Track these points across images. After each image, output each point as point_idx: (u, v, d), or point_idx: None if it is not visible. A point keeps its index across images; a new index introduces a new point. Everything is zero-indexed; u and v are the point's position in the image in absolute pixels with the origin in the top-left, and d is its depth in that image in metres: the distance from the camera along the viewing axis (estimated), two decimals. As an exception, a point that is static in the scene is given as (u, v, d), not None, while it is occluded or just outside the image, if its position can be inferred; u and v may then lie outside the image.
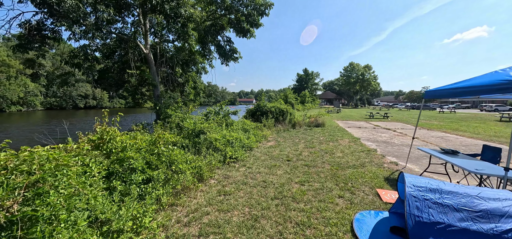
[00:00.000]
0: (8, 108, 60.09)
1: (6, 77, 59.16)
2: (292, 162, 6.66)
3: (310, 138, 10.80)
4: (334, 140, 10.55)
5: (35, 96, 68.37)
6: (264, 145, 8.89)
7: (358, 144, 9.60)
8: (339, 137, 11.47)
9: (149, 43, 9.83)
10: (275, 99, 28.22)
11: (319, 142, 9.85)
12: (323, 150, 8.25)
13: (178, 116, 7.33)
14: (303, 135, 11.75)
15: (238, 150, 6.68)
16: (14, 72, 61.31)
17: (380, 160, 7.03)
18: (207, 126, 6.98)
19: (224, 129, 7.92)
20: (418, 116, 6.81)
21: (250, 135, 8.67)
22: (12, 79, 61.00)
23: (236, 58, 12.95)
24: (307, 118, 16.38)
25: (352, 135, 12.33)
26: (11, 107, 60.78)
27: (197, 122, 7.28)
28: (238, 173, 5.56)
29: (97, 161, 3.25)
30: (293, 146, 8.86)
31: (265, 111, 15.77)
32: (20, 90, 61.85)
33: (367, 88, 71.82)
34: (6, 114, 56.82)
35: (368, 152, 8.16)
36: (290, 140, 10.40)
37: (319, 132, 13.09)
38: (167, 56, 10.72)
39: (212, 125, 7.23)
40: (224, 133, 6.76)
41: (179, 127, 6.90)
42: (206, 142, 6.22)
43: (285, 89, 46.99)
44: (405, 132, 14.10)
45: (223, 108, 9.96)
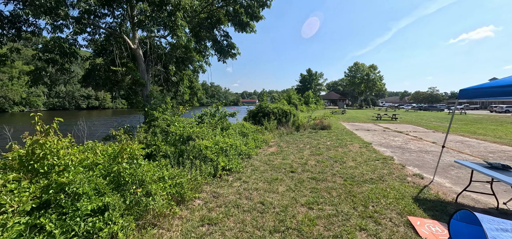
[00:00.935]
0: (11, 109, 60.13)
1: (8, 78, 59.15)
2: (297, 173, 5.63)
3: (316, 143, 9.75)
4: (343, 145, 9.48)
5: (38, 97, 68.42)
6: (264, 152, 7.87)
7: (370, 150, 8.52)
8: (348, 141, 10.39)
9: (137, 37, 8.90)
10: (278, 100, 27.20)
11: (326, 148, 8.79)
12: (332, 158, 7.19)
13: (165, 119, 6.37)
14: (308, 139, 10.70)
15: (233, 158, 5.67)
16: (17, 73, 61.34)
17: (401, 172, 5.96)
18: (198, 130, 5.99)
19: (218, 133, 6.93)
20: (450, 120, 5.70)
21: (249, 140, 7.66)
22: (15, 80, 61.03)
23: (234, 54, 11.88)
24: (312, 120, 15.31)
25: (362, 139, 11.24)
26: (14, 107, 60.82)
27: (187, 126, 6.30)
28: (230, 189, 4.55)
29: (19, 189, 2.27)
30: (297, 153, 7.82)
31: (267, 112, 14.76)
32: (22, 91, 61.85)
33: (373, 89, 70.26)
34: (9, 114, 56.84)
35: (384, 160, 7.08)
36: (294, 145, 9.36)
37: (325, 135, 12.02)
38: (159, 52, 9.77)
39: (204, 129, 6.24)
40: (217, 139, 5.77)
41: (165, 132, 5.94)
42: (195, 150, 5.23)
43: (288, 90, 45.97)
44: (419, 135, 12.94)
45: (220, 109, 8.96)
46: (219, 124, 8.17)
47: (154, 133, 5.79)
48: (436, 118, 27.58)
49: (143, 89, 8.90)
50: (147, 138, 5.44)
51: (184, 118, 7.26)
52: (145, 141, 5.43)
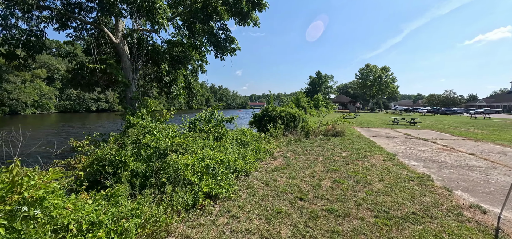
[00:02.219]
0: (23, 111, 61.38)
1: (21, 81, 60.51)
2: (308, 202, 4.18)
3: (329, 154, 8.24)
4: (362, 156, 7.93)
5: (50, 99, 69.74)
6: (267, 166, 6.45)
7: (398, 165, 6.95)
8: (367, 151, 8.82)
9: (121, 30, 7.76)
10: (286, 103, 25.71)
11: (342, 160, 7.28)
12: (352, 176, 5.69)
13: (142, 126, 5.11)
14: (319, 148, 9.20)
15: (223, 180, 4.30)
16: (30, 76, 62.72)
17: (450, 200, 4.39)
18: (179, 141, 4.66)
19: (210, 143, 5.59)
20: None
21: (248, 152, 6.27)
22: (28, 83, 62.38)
23: (233, 49, 10.33)
24: (323, 126, 13.76)
25: (383, 148, 9.62)
26: (26, 110, 62.08)
27: (168, 136, 4.99)
28: (211, 231, 3.17)
29: None
30: (307, 168, 6.35)
31: (273, 116, 13.36)
32: (34, 93, 63.12)
33: (385, 92, 67.41)
34: (21, 117, 58.02)
35: (420, 180, 5.51)
36: (303, 156, 7.89)
37: (339, 143, 10.46)
38: (148, 48, 8.60)
39: (189, 139, 4.91)
40: (203, 153, 4.44)
41: (136, 144, 4.67)
42: (170, 170, 3.89)
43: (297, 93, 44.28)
44: (449, 144, 11.15)
45: (216, 114, 7.64)
46: (214, 131, 6.84)
47: (122, 144, 4.51)
48: (459, 123, 25.28)
49: (127, 90, 7.71)
50: (112, 152, 4.17)
51: (170, 125, 5.98)
52: (108, 155, 4.15)
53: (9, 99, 56.98)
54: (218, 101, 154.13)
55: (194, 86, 12.07)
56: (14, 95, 57.50)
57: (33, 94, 62.73)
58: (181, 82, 10.06)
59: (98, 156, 4.29)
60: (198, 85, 12.40)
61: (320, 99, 51.92)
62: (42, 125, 34.04)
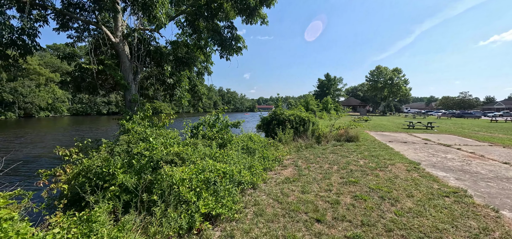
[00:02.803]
0: (37, 114, 63.15)
1: (36, 85, 62.33)
2: (326, 224, 3.50)
3: (344, 162, 7.49)
4: (381, 165, 7.14)
5: (62, 102, 71.54)
6: (276, 176, 5.79)
7: (425, 176, 6.13)
8: (386, 159, 8.01)
9: (121, 29, 7.32)
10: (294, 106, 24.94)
11: (361, 170, 6.52)
12: (375, 190, 4.94)
13: (137, 133, 4.58)
14: (333, 155, 8.45)
15: (225, 196, 3.67)
16: (44, 80, 64.59)
17: (501, 225, 3.60)
18: (177, 149, 4.08)
19: (212, 151, 4.99)
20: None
21: (255, 161, 5.63)
22: (42, 86, 64.24)
23: (239, 48, 9.61)
24: (335, 130, 12.96)
25: (403, 155, 8.77)
26: (40, 113, 63.85)
27: (165, 143, 4.42)
28: (210, 265, 2.55)
29: None
30: (322, 179, 5.65)
31: (282, 120, 12.72)
32: (48, 97, 64.89)
33: (397, 94, 65.31)
34: (35, 119, 59.64)
35: (456, 196, 4.71)
36: (316, 164, 7.18)
37: (354, 149, 9.67)
38: (150, 48, 8.13)
39: (188, 148, 4.32)
40: (203, 164, 3.83)
41: (128, 153, 4.13)
42: (163, 184, 3.31)
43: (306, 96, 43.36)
44: (476, 150, 10.13)
45: (220, 118, 7.06)
46: (218, 137, 6.24)
47: (111, 153, 3.97)
48: (480, 127, 23.75)
49: (125, 93, 7.24)
50: (98, 162, 3.64)
51: (169, 131, 5.43)
52: (94, 168, 3.62)
53: (24, 102, 58.73)
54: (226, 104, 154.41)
55: (199, 88, 11.55)
56: (29, 99, 59.24)
57: (47, 98, 64.51)
58: (185, 84, 9.54)
59: (85, 166, 3.77)
60: (203, 88, 11.89)
61: (330, 102, 50.75)
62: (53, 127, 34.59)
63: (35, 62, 64.03)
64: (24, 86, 57.86)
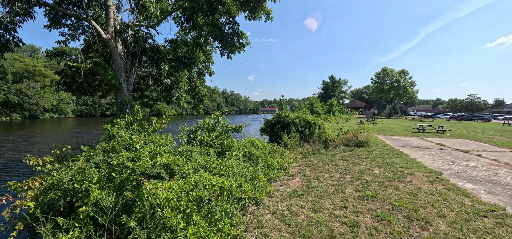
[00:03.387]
0: (42, 115, 63.48)
1: (41, 86, 62.74)
2: (347, 256, 2.81)
3: (357, 170, 6.78)
4: (399, 174, 6.41)
5: (67, 104, 71.92)
6: (282, 189, 5.11)
7: (451, 188, 5.38)
8: (403, 167, 7.27)
9: (112, 24, 6.75)
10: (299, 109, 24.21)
11: (377, 181, 5.80)
12: (398, 207, 4.23)
13: (123, 139, 3.96)
14: (344, 163, 7.74)
15: (222, 217, 3.01)
16: (49, 81, 65.01)
17: None
18: (165, 160, 3.45)
19: (210, 159, 4.34)
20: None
21: (258, 171, 4.96)
22: (47, 88, 64.64)
23: (242, 45, 8.62)
24: (344, 134, 12.22)
25: (420, 163, 8.02)
26: (45, 114, 64.18)
27: (155, 151, 3.79)
28: None
29: None
30: (334, 192, 4.95)
31: (287, 123, 12.08)
32: (53, 98, 65.24)
33: (403, 96, 63.99)
34: (40, 120, 59.98)
35: (495, 216, 3.97)
36: (326, 172, 6.48)
37: (365, 156, 8.94)
38: (146, 46, 7.55)
39: (181, 158, 3.68)
40: (195, 179, 3.18)
41: (108, 163, 3.51)
42: (145, 206, 2.67)
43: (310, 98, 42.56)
44: (499, 157, 9.29)
45: (220, 121, 6.42)
46: (217, 142, 5.60)
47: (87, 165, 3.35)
48: (494, 131, 22.68)
49: (117, 94, 6.65)
50: (67, 176, 3.03)
51: (161, 137, 4.80)
52: (64, 182, 3.01)
53: (29, 104, 59.11)
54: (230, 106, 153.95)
55: (200, 90, 10.93)
56: (34, 100, 59.61)
57: (51, 99, 64.87)
58: (183, 85, 8.91)
59: (55, 179, 3.16)
60: (204, 89, 11.27)
61: (334, 105, 49.80)
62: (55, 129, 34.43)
63: (40, 64, 64.66)
64: (29, 88, 58.27)
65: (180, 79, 8.61)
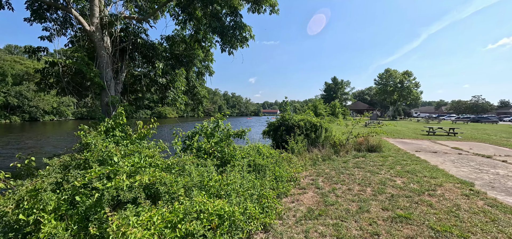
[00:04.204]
0: (42, 117, 62.97)
1: (41, 89, 62.24)
2: None
3: (377, 180, 5.94)
4: (426, 185, 5.56)
5: (67, 106, 71.41)
6: (294, 207, 4.29)
7: (493, 204, 4.53)
8: (426, 175, 6.43)
9: (97, 15, 5.96)
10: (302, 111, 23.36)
11: (404, 195, 4.96)
12: (442, 233, 3.40)
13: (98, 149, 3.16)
14: (359, 170, 6.90)
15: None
16: (49, 83, 64.52)
17: None
18: (149, 177, 2.64)
19: (209, 171, 3.53)
20: None
21: (265, 185, 4.13)
22: (47, 90, 64.13)
23: (245, 39, 7.51)
24: (353, 138, 11.38)
25: (443, 170, 7.16)
26: (45, 116, 63.69)
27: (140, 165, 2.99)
28: None
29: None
30: (358, 211, 4.12)
31: (291, 126, 11.31)
32: (53, 101, 64.75)
33: (407, 98, 62.94)
34: (40, 123, 59.52)
35: None
36: (342, 184, 5.64)
37: (381, 162, 8.09)
38: (138, 41, 6.76)
39: (169, 176, 2.87)
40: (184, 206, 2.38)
41: (71, 184, 2.71)
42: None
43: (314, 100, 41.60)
44: (530, 164, 8.40)
45: (221, 126, 5.60)
46: (217, 150, 4.78)
47: (43, 186, 2.54)
48: (506, 133, 21.68)
49: (102, 94, 5.85)
50: (10, 203, 2.23)
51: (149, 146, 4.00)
52: (4, 212, 2.21)
53: (29, 106, 58.65)
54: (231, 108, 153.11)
55: (199, 90, 10.13)
56: (34, 103, 59.15)
57: (52, 102, 64.38)
58: (180, 85, 8.07)
59: (0, 206, 2.35)
60: (204, 90, 10.47)
61: (337, 106, 48.86)
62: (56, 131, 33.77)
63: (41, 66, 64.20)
64: (29, 90, 57.83)
65: (176, 79, 7.78)
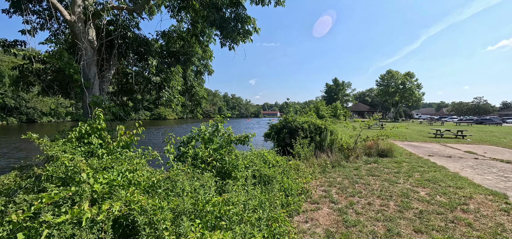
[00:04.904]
0: (40, 119, 62.23)
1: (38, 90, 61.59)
2: None
3: (398, 192, 5.23)
4: (455, 198, 4.86)
5: (66, 108, 70.68)
6: (309, 229, 3.58)
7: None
8: (452, 186, 5.72)
9: (80, 2, 5.20)
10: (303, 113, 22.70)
11: (434, 210, 4.25)
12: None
13: (62, 165, 2.46)
14: (374, 179, 6.20)
15: None
16: (47, 84, 63.82)
17: None
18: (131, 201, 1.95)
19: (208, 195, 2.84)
20: None
21: (277, 204, 3.41)
22: (45, 92, 63.44)
23: (248, 33, 6.56)
24: (362, 141, 10.67)
25: (466, 178, 6.46)
26: (43, 118, 62.93)
27: (110, 182, 2.29)
28: None
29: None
30: (387, 234, 3.41)
31: (294, 128, 10.67)
32: (51, 102, 64.02)
33: (409, 99, 62.29)
34: (38, 124, 58.82)
35: None
36: (358, 196, 4.94)
37: (395, 169, 7.40)
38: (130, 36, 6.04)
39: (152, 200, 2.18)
40: None
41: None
42: None
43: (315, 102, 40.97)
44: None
45: (221, 130, 4.90)
46: (216, 158, 4.08)
47: None
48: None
49: (83, 94, 5.12)
50: None
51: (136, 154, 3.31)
52: None
53: (26, 107, 57.95)
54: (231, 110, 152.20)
55: (197, 91, 9.40)
56: (31, 104, 58.45)
57: (50, 103, 63.66)
58: (176, 84, 7.32)
59: None
60: (202, 90, 9.75)
61: (339, 108, 48.23)
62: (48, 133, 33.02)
63: (39, 67, 63.46)
64: (26, 91, 57.02)
65: (171, 77, 7.06)
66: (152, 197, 2.34)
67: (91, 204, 2.17)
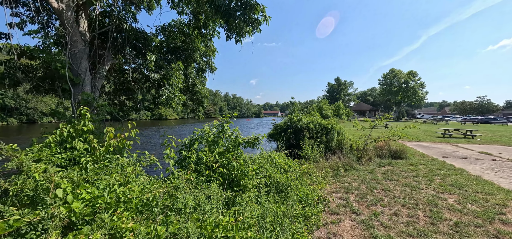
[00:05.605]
0: (40, 120, 61.91)
1: (39, 90, 61.28)
2: None
3: (424, 199, 4.71)
4: (489, 206, 4.33)
5: (66, 109, 70.38)
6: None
7: None
8: (479, 191, 5.20)
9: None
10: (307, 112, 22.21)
11: (470, 222, 3.74)
12: None
13: (32, 178, 1.98)
14: (393, 184, 5.67)
15: None
16: (48, 85, 63.52)
17: None
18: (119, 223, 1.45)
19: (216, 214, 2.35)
20: None
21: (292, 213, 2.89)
22: (46, 92, 63.16)
23: (257, 22, 5.77)
24: (373, 142, 10.13)
25: (492, 182, 5.94)
26: (43, 119, 62.60)
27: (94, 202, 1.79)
28: None
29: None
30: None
31: (300, 128, 10.22)
32: (52, 102, 63.70)
33: (412, 98, 61.55)
34: (38, 125, 58.50)
35: None
36: (380, 204, 4.42)
37: (412, 172, 6.88)
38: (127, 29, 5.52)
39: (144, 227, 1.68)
40: None
41: None
42: None
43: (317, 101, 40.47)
44: None
45: (227, 131, 4.39)
46: (223, 164, 3.57)
47: None
48: (527, 135, 20.37)
49: (72, 91, 4.62)
50: None
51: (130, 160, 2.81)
52: None
53: (26, 108, 57.66)
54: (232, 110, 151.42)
55: (199, 89, 8.87)
56: (31, 105, 58.15)
57: (50, 103, 63.36)
58: (176, 82, 6.76)
59: None
60: (205, 89, 9.21)
61: (341, 107, 47.69)
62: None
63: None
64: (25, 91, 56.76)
65: (171, 74, 6.52)
66: (146, 219, 1.84)
67: (68, 229, 1.68)
